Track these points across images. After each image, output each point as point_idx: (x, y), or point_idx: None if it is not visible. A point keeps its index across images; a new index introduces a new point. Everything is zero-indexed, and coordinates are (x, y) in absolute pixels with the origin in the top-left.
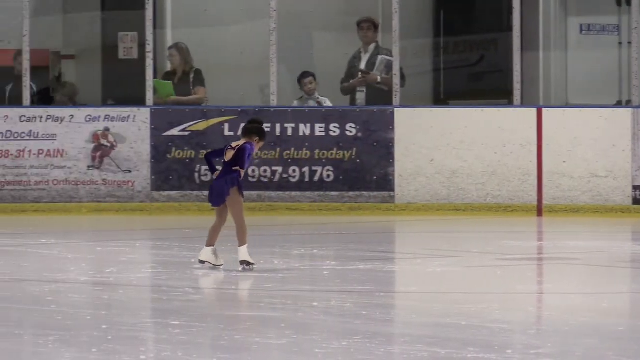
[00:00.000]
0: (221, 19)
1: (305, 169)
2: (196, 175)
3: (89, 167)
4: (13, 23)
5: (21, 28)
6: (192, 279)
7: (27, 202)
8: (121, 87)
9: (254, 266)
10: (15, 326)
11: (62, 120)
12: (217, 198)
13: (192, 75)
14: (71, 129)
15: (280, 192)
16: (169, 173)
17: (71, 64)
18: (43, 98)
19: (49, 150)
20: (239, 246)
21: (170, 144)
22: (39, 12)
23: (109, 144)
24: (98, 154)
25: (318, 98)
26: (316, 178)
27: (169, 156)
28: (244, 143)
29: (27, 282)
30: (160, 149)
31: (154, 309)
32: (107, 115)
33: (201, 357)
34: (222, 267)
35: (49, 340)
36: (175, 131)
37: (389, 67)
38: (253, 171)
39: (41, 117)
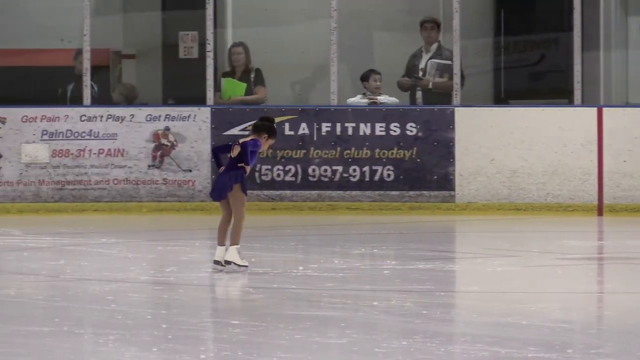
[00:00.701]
0: (281, 18)
1: (366, 169)
2: (256, 174)
3: (149, 166)
4: (74, 23)
5: (81, 27)
6: (253, 278)
7: (88, 201)
8: (181, 86)
9: (246, 268)
10: (76, 325)
11: (122, 120)
12: (219, 193)
13: (252, 75)
14: (132, 128)
15: (341, 192)
16: None
17: (131, 64)
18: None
19: (109, 150)
20: (230, 245)
21: (230, 143)
22: (100, 12)
23: (169, 144)
24: (158, 153)
25: (382, 96)
26: (376, 177)
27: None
28: (251, 139)
29: (88, 282)
30: None
31: (214, 308)
32: (167, 115)
33: (261, 356)
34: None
35: (109, 339)
36: (235, 130)
37: (441, 70)
38: (313, 170)
39: (102, 117)
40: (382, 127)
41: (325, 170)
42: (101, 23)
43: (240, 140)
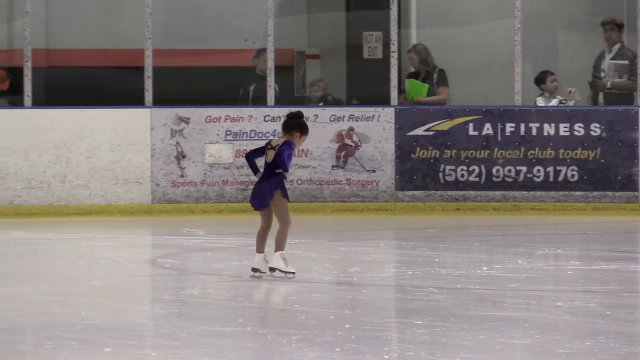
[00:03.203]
0: (465, 19)
1: (550, 169)
2: (440, 175)
3: (333, 166)
4: (258, 23)
5: (266, 28)
6: (437, 278)
7: None
8: (365, 86)
9: (293, 275)
10: (259, 325)
11: (306, 120)
12: (261, 202)
13: (435, 75)
14: (315, 128)
15: (525, 192)
16: (413, 173)
17: (315, 64)
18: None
19: None
20: (275, 251)
21: (414, 143)
22: (284, 12)
23: (353, 144)
24: (342, 153)
25: (573, 96)
26: (560, 178)
27: (413, 156)
28: (283, 143)
29: (272, 282)
30: (404, 148)
31: (397, 309)
32: (351, 115)
33: (444, 357)
34: (264, 274)
35: (292, 339)
36: (419, 131)
37: (619, 70)
38: (497, 171)
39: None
40: (566, 127)
41: (509, 171)
42: (285, 23)
43: (274, 143)
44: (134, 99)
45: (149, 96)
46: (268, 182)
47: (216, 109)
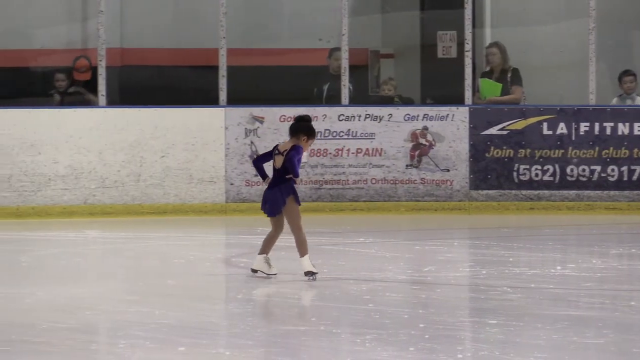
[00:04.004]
0: (540, 18)
1: (624, 168)
2: (514, 174)
3: (407, 166)
4: (332, 22)
5: (340, 27)
6: (511, 277)
7: (345, 200)
8: (439, 85)
9: (317, 275)
10: (333, 324)
11: (380, 119)
12: (273, 208)
13: (509, 75)
14: (389, 127)
15: (599, 191)
16: (487, 172)
17: (390, 63)
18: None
19: (367, 149)
20: (301, 257)
21: (488, 142)
22: (358, 12)
23: (427, 143)
24: (416, 152)
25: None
26: (635, 177)
27: (487, 155)
28: (291, 148)
29: (345, 281)
30: (478, 147)
31: (471, 308)
32: (425, 114)
33: (518, 356)
34: (275, 276)
35: (366, 338)
36: (493, 130)
37: None
38: (572, 170)
39: (360, 116)
40: None
41: (584, 170)
42: (359, 23)
43: (281, 148)
44: (208, 99)
45: (223, 95)
46: (279, 189)
47: (290, 108)
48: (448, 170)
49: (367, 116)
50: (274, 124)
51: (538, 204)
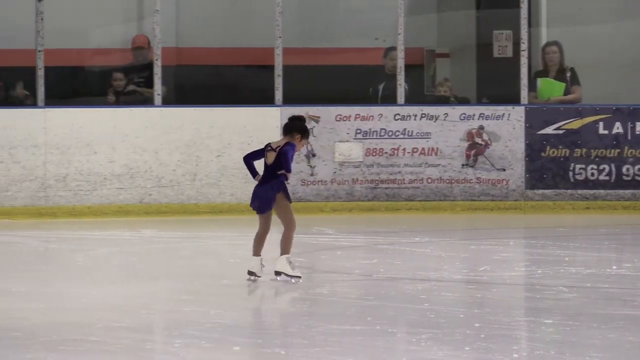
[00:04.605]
0: (596, 17)
1: None
2: (570, 173)
3: (463, 165)
4: (388, 22)
5: (396, 26)
6: (566, 277)
7: (401, 200)
8: (495, 85)
9: (298, 280)
10: (389, 324)
11: (436, 119)
12: (263, 205)
13: (568, 74)
14: (445, 127)
15: None
16: (543, 171)
17: (445, 62)
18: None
19: (423, 149)
20: (281, 254)
21: (544, 142)
22: (414, 11)
23: (483, 143)
24: (472, 152)
25: None
26: None
27: (543, 154)
28: (286, 144)
29: (401, 280)
30: (534, 147)
31: (526, 307)
32: (481, 114)
33: (574, 355)
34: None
35: (421, 338)
36: (549, 129)
37: None
38: (627, 170)
39: (415, 116)
40: None
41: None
42: (415, 22)
43: (274, 145)
44: (264, 98)
45: (279, 95)
46: (270, 185)
47: (346, 108)
48: (504, 170)
49: (423, 115)
50: (329, 123)
51: (594, 203)
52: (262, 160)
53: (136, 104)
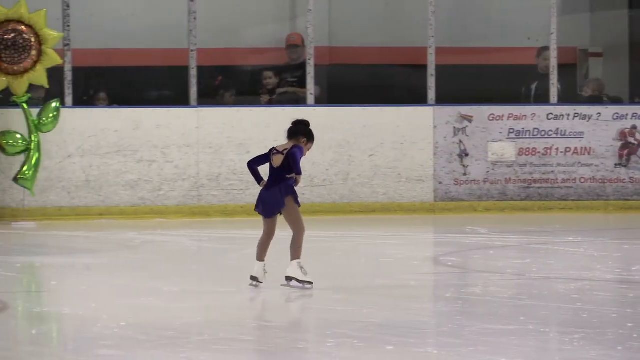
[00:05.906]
0: None
1: None
2: None
3: (616, 165)
4: (540, 21)
5: (548, 26)
6: None
7: (554, 199)
8: None
9: (310, 286)
10: (541, 324)
11: (589, 118)
12: (271, 209)
13: None
14: (598, 126)
15: None
16: None
17: (598, 62)
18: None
19: (575, 148)
20: (292, 259)
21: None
22: (567, 11)
23: (636, 142)
24: (625, 151)
25: None
26: None
27: None
28: (293, 146)
29: (554, 280)
30: None
31: None
32: (634, 113)
33: None
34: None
35: (574, 338)
36: None
37: None
38: None
39: (568, 115)
40: None
41: None
42: (568, 22)
43: (280, 148)
44: (417, 97)
45: (432, 94)
46: (278, 188)
47: (499, 107)
48: None
49: (576, 115)
50: (482, 122)
51: None
52: (266, 165)
53: (289, 104)
